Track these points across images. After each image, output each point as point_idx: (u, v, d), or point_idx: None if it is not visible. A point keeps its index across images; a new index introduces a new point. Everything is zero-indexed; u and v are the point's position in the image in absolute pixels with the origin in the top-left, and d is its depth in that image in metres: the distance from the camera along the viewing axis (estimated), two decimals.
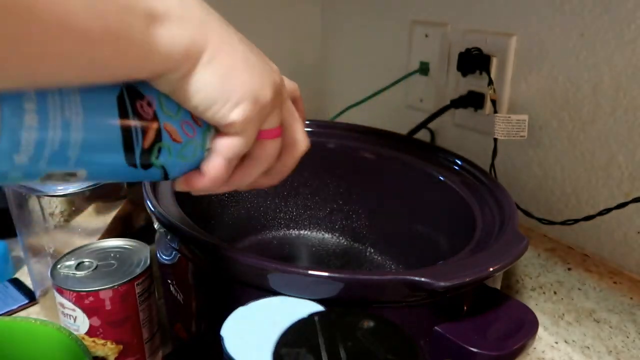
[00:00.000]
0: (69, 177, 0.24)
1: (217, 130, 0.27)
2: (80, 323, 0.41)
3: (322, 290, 0.31)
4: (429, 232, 0.51)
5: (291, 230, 0.61)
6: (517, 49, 0.57)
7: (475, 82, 0.61)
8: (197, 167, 0.28)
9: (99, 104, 0.23)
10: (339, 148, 0.57)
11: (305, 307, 0.29)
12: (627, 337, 0.47)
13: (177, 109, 0.26)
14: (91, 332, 0.41)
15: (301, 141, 0.31)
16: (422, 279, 0.30)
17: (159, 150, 0.26)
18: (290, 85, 0.34)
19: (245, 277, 0.33)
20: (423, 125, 0.66)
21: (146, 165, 0.26)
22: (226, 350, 0.26)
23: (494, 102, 0.57)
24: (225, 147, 0.27)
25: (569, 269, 0.52)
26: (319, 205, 0.60)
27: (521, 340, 0.31)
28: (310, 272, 0.30)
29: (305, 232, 0.61)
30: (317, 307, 0.29)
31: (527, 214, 0.56)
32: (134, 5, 0.21)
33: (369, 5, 0.78)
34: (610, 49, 0.48)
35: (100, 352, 0.42)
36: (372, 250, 0.58)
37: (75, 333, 0.41)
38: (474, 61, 0.60)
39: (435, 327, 0.32)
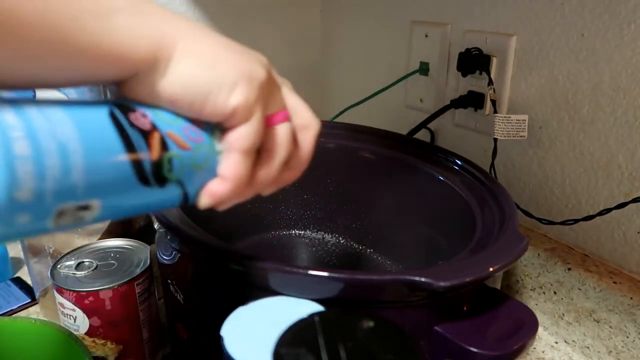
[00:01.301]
0: (83, 211, 0.22)
1: (223, 129, 0.26)
2: (80, 323, 0.41)
3: (322, 290, 0.31)
4: (429, 232, 0.51)
5: (291, 230, 0.61)
6: (517, 49, 0.57)
7: (475, 82, 0.61)
8: (214, 176, 0.26)
9: (91, 121, 0.21)
10: (338, 148, 0.57)
11: (305, 307, 0.29)
12: (627, 337, 0.47)
13: (173, 116, 0.24)
14: (91, 332, 0.41)
15: (312, 120, 0.29)
16: (422, 279, 0.30)
17: (170, 162, 0.24)
18: (281, 79, 0.32)
19: (245, 277, 0.33)
20: (423, 125, 0.66)
21: (161, 180, 0.24)
22: (226, 350, 0.26)
23: (494, 102, 0.57)
24: (236, 140, 0.25)
25: (569, 269, 0.52)
26: (318, 205, 0.60)
27: (521, 340, 0.31)
28: (310, 272, 0.30)
29: (305, 232, 0.61)
30: (317, 307, 0.29)
31: (527, 214, 0.56)
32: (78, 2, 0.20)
33: (369, 5, 0.78)
34: (610, 49, 0.48)
35: (100, 352, 0.42)
36: (372, 251, 0.58)
37: (75, 333, 0.41)
38: (474, 61, 0.60)
39: (435, 327, 0.32)
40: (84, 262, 0.43)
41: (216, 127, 0.26)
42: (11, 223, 0.19)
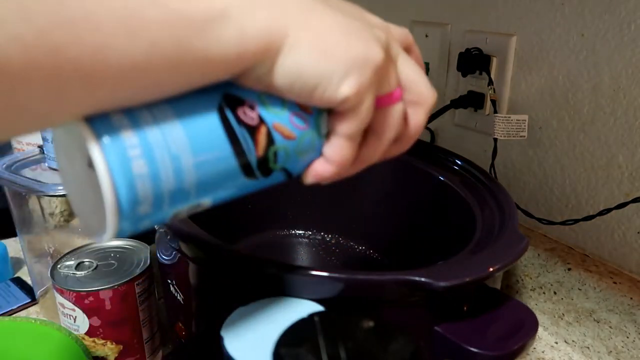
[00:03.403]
0: (195, 208, 0.23)
1: (330, 110, 0.25)
2: (80, 323, 0.41)
3: (322, 290, 0.31)
4: (429, 232, 0.51)
5: (291, 230, 0.61)
6: (517, 49, 0.57)
7: (475, 82, 0.61)
8: (319, 155, 0.26)
9: (201, 125, 0.22)
10: None
11: (305, 307, 0.29)
12: (627, 337, 0.47)
13: (281, 103, 0.24)
14: (91, 332, 0.41)
15: (427, 94, 0.27)
16: (422, 279, 0.30)
17: (275, 154, 0.24)
18: (399, 32, 0.29)
19: (245, 277, 0.33)
20: None
21: (267, 172, 0.24)
22: (226, 350, 0.26)
23: (494, 102, 0.57)
24: (343, 127, 0.24)
25: (569, 269, 0.52)
26: (319, 206, 0.60)
27: (521, 340, 0.31)
28: (310, 272, 0.30)
29: (305, 232, 0.61)
30: (317, 307, 0.29)
31: (527, 214, 0.56)
32: (188, 16, 0.19)
33: (369, 5, 0.78)
34: (610, 49, 0.48)
35: (100, 352, 0.42)
36: (372, 250, 0.58)
37: (75, 333, 0.41)
38: (474, 61, 0.60)
39: (435, 327, 0.32)
40: (84, 262, 0.43)
41: (323, 110, 0.25)
42: (135, 228, 0.21)
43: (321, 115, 0.25)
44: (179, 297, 0.39)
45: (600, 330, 0.49)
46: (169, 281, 0.40)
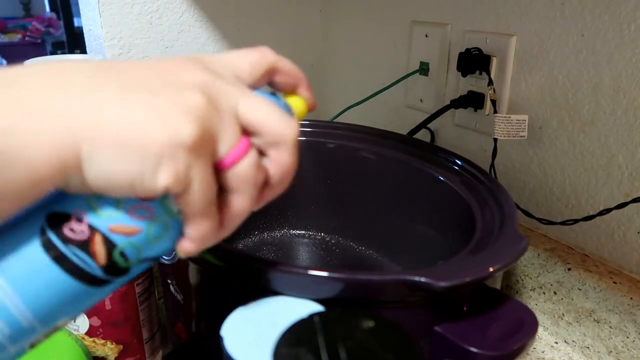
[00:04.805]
0: (55, 331, 0.22)
1: None
2: (80, 323, 0.41)
3: (322, 290, 0.31)
4: (429, 232, 0.51)
5: (291, 230, 0.61)
6: (517, 49, 0.57)
7: (475, 82, 0.61)
8: (181, 232, 0.24)
9: (22, 262, 0.20)
10: (339, 148, 0.57)
11: (305, 307, 0.29)
12: (627, 337, 0.47)
13: (115, 202, 0.22)
14: (91, 332, 0.41)
15: (283, 131, 0.24)
16: (422, 279, 0.30)
17: (122, 254, 0.22)
18: (248, 63, 0.26)
19: (245, 277, 0.33)
20: (423, 125, 0.66)
21: (122, 273, 0.23)
22: (226, 350, 0.26)
23: (494, 102, 0.57)
24: (187, 208, 0.22)
25: (569, 269, 0.52)
26: (319, 205, 0.60)
27: (521, 340, 0.31)
28: (310, 272, 0.30)
29: (305, 232, 0.61)
30: (317, 307, 0.29)
31: (527, 214, 0.56)
32: None
33: (369, 5, 0.78)
34: (610, 49, 0.48)
35: (100, 352, 0.42)
36: (372, 251, 0.58)
37: (75, 333, 0.41)
38: (474, 61, 0.60)
39: (435, 327, 0.32)
40: None
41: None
42: None
43: (165, 197, 0.23)
44: (179, 297, 0.39)
45: (600, 330, 0.49)
46: (169, 281, 0.40)
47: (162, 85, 0.21)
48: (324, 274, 0.30)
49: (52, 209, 0.21)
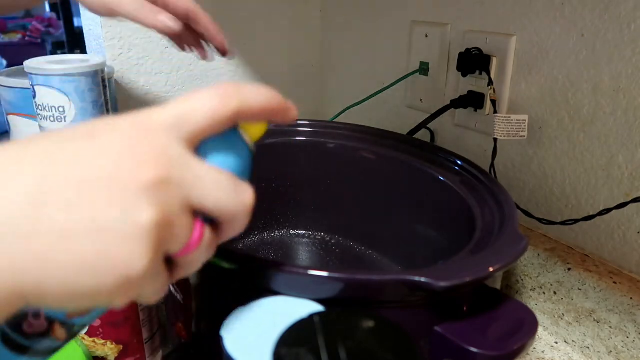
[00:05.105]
0: None
1: None
2: None
3: (322, 290, 0.31)
4: (429, 232, 0.51)
5: (291, 230, 0.61)
6: (517, 49, 0.57)
7: (475, 82, 0.61)
8: None
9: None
10: (339, 148, 0.57)
11: (305, 307, 0.29)
12: (627, 337, 0.47)
13: None
14: (91, 332, 0.41)
15: (237, 208, 0.23)
16: (422, 279, 0.30)
17: (82, 326, 0.25)
18: (215, 105, 0.23)
19: (245, 277, 0.33)
20: (423, 125, 0.66)
21: (74, 335, 0.25)
22: (226, 350, 0.26)
23: (494, 102, 0.57)
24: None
25: (569, 269, 0.52)
26: (318, 205, 0.60)
27: (521, 340, 0.31)
28: (310, 272, 0.30)
29: (305, 232, 0.61)
30: (317, 307, 0.29)
31: (527, 214, 0.56)
32: None
33: (369, 5, 0.78)
34: (610, 49, 0.48)
35: (100, 352, 0.42)
36: (372, 251, 0.58)
37: None
38: (474, 61, 0.60)
39: (435, 327, 0.32)
40: None
41: None
42: None
43: None
44: (179, 297, 0.39)
45: (600, 330, 0.49)
46: None
47: (110, 205, 0.19)
48: (324, 274, 0.30)
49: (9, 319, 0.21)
